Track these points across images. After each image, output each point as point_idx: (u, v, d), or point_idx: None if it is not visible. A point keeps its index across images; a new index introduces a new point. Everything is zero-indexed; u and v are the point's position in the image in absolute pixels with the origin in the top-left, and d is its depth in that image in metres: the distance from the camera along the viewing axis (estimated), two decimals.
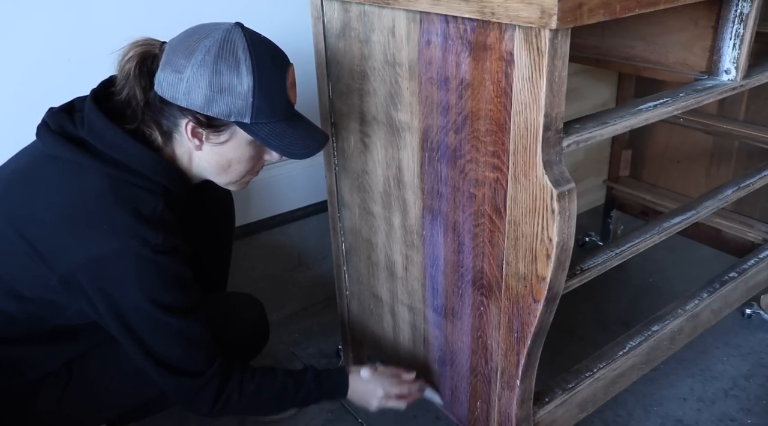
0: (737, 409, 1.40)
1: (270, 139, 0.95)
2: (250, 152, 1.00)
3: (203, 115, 0.92)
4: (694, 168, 1.90)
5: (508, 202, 0.87)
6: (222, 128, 0.95)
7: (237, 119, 0.92)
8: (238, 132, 0.96)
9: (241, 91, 0.90)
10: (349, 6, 1.05)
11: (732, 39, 1.05)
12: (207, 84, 0.89)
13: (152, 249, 0.91)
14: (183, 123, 0.94)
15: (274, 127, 0.95)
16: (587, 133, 0.86)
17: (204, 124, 0.94)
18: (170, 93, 0.91)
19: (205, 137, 0.96)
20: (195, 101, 0.90)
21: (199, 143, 0.96)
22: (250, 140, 0.97)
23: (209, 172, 1.02)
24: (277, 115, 0.95)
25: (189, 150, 0.99)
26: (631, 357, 1.19)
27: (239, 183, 1.06)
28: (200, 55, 0.89)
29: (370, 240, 1.24)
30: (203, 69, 0.89)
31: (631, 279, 1.89)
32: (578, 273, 0.99)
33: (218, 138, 0.96)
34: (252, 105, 0.91)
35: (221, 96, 0.90)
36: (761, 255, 1.49)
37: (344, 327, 1.47)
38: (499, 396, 1.03)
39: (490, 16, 0.77)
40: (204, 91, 0.90)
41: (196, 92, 0.90)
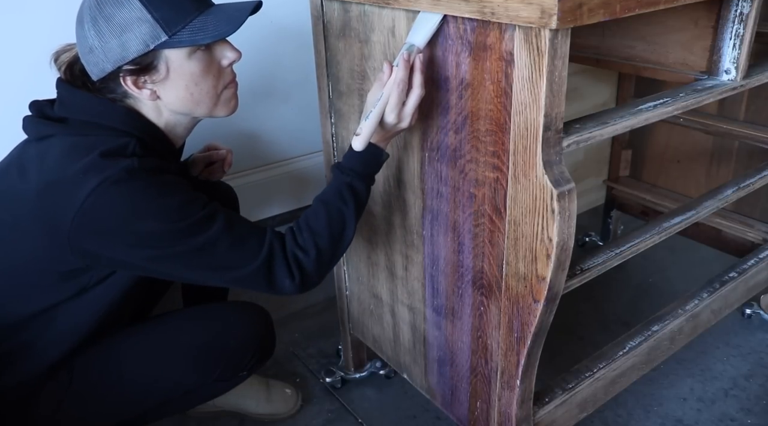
0: (737, 409, 1.40)
1: (195, 37, 0.90)
2: (198, 66, 0.94)
3: (129, 64, 0.90)
4: (694, 168, 1.90)
5: (508, 202, 0.87)
6: (153, 63, 0.91)
7: (156, 42, 0.88)
8: (169, 55, 0.91)
9: (137, 16, 0.87)
10: (349, 6, 1.05)
11: (732, 39, 1.05)
12: (110, 35, 0.88)
13: (128, 170, 0.88)
14: (122, 83, 0.92)
15: (193, 25, 0.90)
16: (587, 133, 0.86)
17: (137, 71, 0.91)
18: (96, 68, 0.91)
19: (150, 82, 0.93)
20: (114, 57, 0.89)
21: (149, 92, 0.94)
22: (185, 54, 0.92)
23: (184, 112, 0.98)
24: (189, 14, 0.90)
25: (152, 106, 0.97)
26: (631, 357, 1.19)
27: (222, 103, 1.00)
28: (87, 17, 0.89)
29: (370, 240, 1.24)
30: (97, 26, 0.88)
31: (631, 279, 1.89)
32: (578, 273, 0.99)
33: (158, 75, 0.92)
34: (155, 19, 0.87)
35: (127, 34, 0.87)
36: (761, 255, 1.49)
37: (344, 327, 1.47)
38: (499, 396, 1.03)
39: (490, 16, 0.77)
40: (113, 43, 0.88)
41: (109, 49, 0.88)
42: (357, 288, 1.36)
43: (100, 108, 0.94)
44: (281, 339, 1.66)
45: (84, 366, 1.07)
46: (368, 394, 1.47)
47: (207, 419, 1.40)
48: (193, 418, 1.40)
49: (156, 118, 0.98)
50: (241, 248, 0.94)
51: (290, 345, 1.65)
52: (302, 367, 1.57)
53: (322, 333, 1.69)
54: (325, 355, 1.61)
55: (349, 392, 1.48)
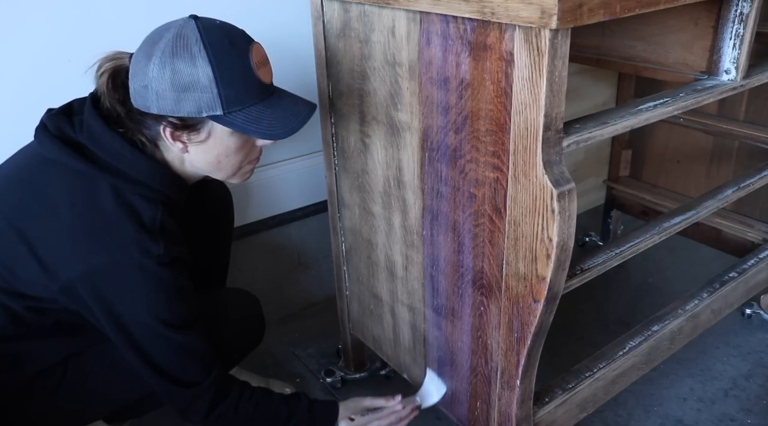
0: (737, 409, 1.40)
1: (247, 126, 0.92)
2: (236, 143, 0.97)
3: (176, 118, 0.91)
4: (694, 168, 1.90)
5: (508, 202, 0.87)
6: (198, 126, 0.93)
7: (209, 113, 0.90)
8: (215, 126, 0.94)
9: (204, 84, 0.88)
10: (349, 6, 1.05)
11: (732, 39, 1.05)
12: (170, 86, 0.88)
13: (155, 261, 0.91)
14: (161, 129, 0.93)
15: (250, 112, 0.92)
16: (587, 133, 0.86)
17: (180, 127, 0.93)
18: (142, 103, 0.91)
19: (186, 139, 0.95)
20: (165, 106, 0.89)
21: (182, 146, 0.96)
22: (230, 132, 0.95)
23: (204, 170, 1.02)
24: (250, 99, 0.92)
25: (177, 154, 0.98)
26: (631, 357, 1.19)
27: (239, 175, 1.04)
28: (157, 59, 0.88)
29: (370, 240, 1.24)
30: (163, 71, 0.87)
31: (631, 279, 1.89)
32: (578, 273, 0.99)
33: (198, 136, 0.94)
34: (219, 95, 0.88)
35: (186, 94, 0.88)
36: (761, 255, 1.49)
37: (344, 327, 1.47)
38: (499, 396, 1.03)
39: (490, 16, 0.77)
40: (170, 94, 0.88)
41: (163, 97, 0.89)
42: (357, 288, 1.36)
43: (131, 159, 0.94)
44: (281, 339, 1.66)
45: (78, 355, 1.07)
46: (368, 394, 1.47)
47: None
48: None
49: (177, 167, 1.01)
50: (193, 369, 1.00)
51: (290, 345, 1.65)
52: (302, 367, 1.57)
53: (322, 333, 1.68)
54: (325, 355, 1.61)
55: (349, 392, 1.48)
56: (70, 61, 1.25)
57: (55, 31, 1.22)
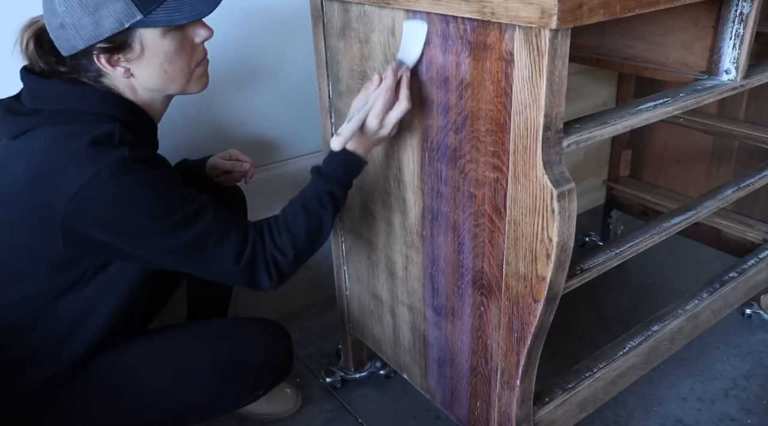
0: (737, 409, 1.40)
1: (171, 17, 0.90)
2: (172, 45, 0.94)
3: (103, 41, 0.89)
4: (694, 168, 1.90)
5: (508, 202, 0.87)
6: (128, 42, 0.91)
7: (130, 21, 0.88)
8: (144, 35, 0.91)
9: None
10: (349, 6, 1.05)
11: (732, 39, 1.05)
12: (81, 12, 0.86)
13: (121, 163, 0.88)
14: (95, 60, 0.91)
15: (167, 5, 0.90)
16: (587, 133, 0.86)
17: (111, 50, 0.90)
18: (67, 45, 0.90)
19: (123, 61, 0.93)
20: (87, 34, 0.88)
21: (123, 70, 0.93)
22: (160, 33, 0.92)
23: (158, 88, 0.98)
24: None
25: (125, 83, 0.96)
26: (631, 357, 1.19)
27: (194, 81, 1.00)
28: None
29: (370, 240, 1.24)
30: (69, 1, 0.86)
31: (631, 279, 1.89)
32: (578, 273, 0.99)
33: (133, 53, 0.92)
34: None
35: (100, 12, 0.86)
36: (761, 255, 1.49)
37: (344, 327, 1.47)
38: (499, 396, 1.03)
39: (490, 16, 0.77)
40: (86, 20, 0.87)
41: (81, 27, 0.87)
42: (357, 288, 1.36)
43: (75, 94, 0.93)
44: None
45: (100, 374, 1.07)
46: (368, 394, 1.47)
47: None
48: None
49: (132, 96, 0.98)
50: (226, 245, 0.96)
51: None
52: (302, 367, 1.57)
53: (322, 333, 1.69)
54: (325, 355, 1.61)
55: (349, 392, 1.48)
56: None
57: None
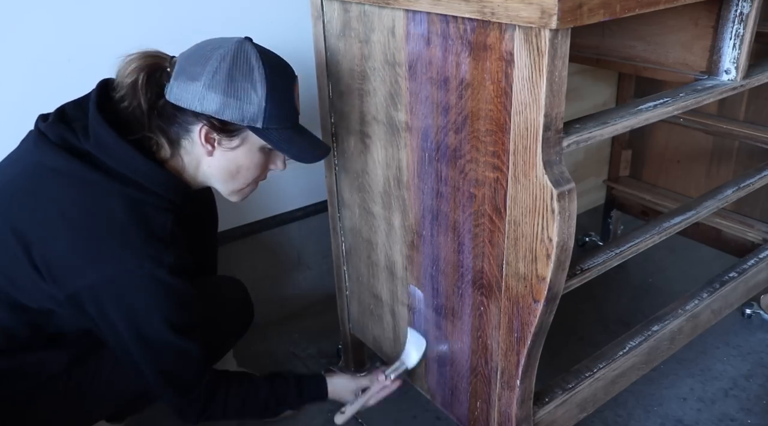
0: (737, 409, 1.40)
1: (281, 144, 0.99)
2: (260, 159, 1.02)
3: (217, 120, 0.95)
4: (694, 168, 1.90)
5: (508, 202, 0.87)
6: (235, 133, 0.98)
7: (250, 124, 0.95)
8: (250, 137, 0.98)
9: (254, 97, 0.94)
10: (349, 6, 1.05)
11: (732, 39, 1.05)
12: (222, 90, 0.92)
13: (166, 270, 0.93)
14: (197, 128, 0.96)
15: (283, 134, 0.98)
16: (587, 133, 0.86)
17: (218, 129, 0.96)
18: (185, 100, 0.93)
19: (217, 142, 0.98)
20: (210, 106, 0.93)
21: (211, 148, 0.98)
22: (260, 146, 1.00)
23: (216, 179, 1.04)
24: (287, 122, 0.99)
25: (198, 157, 1.00)
26: (631, 357, 1.19)
27: (242, 192, 1.08)
28: (215, 63, 0.92)
29: (370, 240, 1.24)
30: (218, 76, 0.92)
31: (631, 279, 1.89)
32: (578, 273, 0.99)
33: (230, 143, 0.98)
34: (265, 110, 0.94)
35: (236, 101, 0.93)
36: (761, 255, 1.49)
37: (344, 327, 1.47)
38: (499, 396, 1.03)
39: (490, 16, 0.77)
40: (219, 97, 0.92)
41: (211, 98, 0.92)
42: (357, 288, 1.36)
43: (143, 168, 0.95)
44: (281, 339, 1.66)
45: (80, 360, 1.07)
46: None
47: None
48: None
49: (192, 171, 1.02)
50: (187, 373, 1.03)
51: (290, 345, 1.65)
52: (302, 367, 1.57)
53: (322, 333, 1.68)
54: (325, 355, 1.61)
55: None
56: (70, 61, 1.25)
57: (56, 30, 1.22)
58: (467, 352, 1.07)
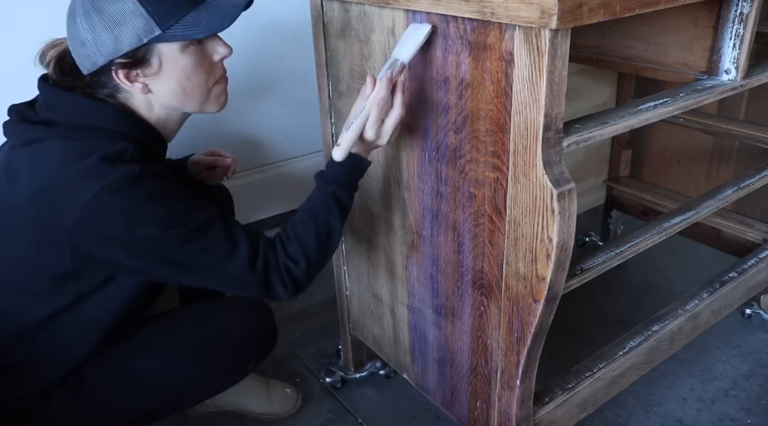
0: (737, 409, 1.40)
1: (188, 31, 0.91)
2: (191, 60, 0.95)
3: (122, 57, 0.90)
4: (694, 168, 1.90)
5: (508, 202, 0.87)
6: (146, 57, 0.92)
7: (149, 37, 0.89)
8: (162, 49, 0.92)
9: (131, 10, 0.88)
10: (349, 6, 1.05)
11: (732, 39, 1.05)
12: (102, 27, 0.88)
13: (130, 177, 0.89)
14: (114, 76, 0.92)
15: (186, 20, 0.91)
16: (587, 133, 0.86)
17: (130, 65, 0.91)
18: (88, 62, 0.91)
19: (142, 75, 0.93)
20: (106, 50, 0.89)
21: (141, 85, 0.94)
22: (179, 49, 0.93)
23: (175, 106, 0.99)
24: (181, 8, 0.91)
25: (143, 100, 0.97)
26: (631, 357, 1.19)
27: (212, 99, 1.01)
28: (79, 9, 0.89)
29: (370, 240, 1.24)
30: (90, 19, 0.88)
31: (631, 279, 1.89)
32: (578, 273, 0.99)
33: (151, 68, 0.93)
34: (149, 13, 0.88)
35: (121, 28, 0.88)
36: (761, 255, 1.49)
37: (344, 327, 1.47)
38: (499, 396, 1.03)
39: (490, 16, 0.77)
40: (106, 35, 0.88)
41: (102, 43, 0.89)
42: (357, 288, 1.36)
43: (92, 109, 0.94)
44: (281, 339, 1.66)
45: (93, 368, 1.07)
46: (368, 394, 1.47)
47: (207, 419, 1.40)
48: (194, 418, 1.40)
49: (147, 113, 0.99)
50: (237, 255, 0.95)
51: (290, 345, 1.65)
52: (302, 367, 1.57)
53: (322, 333, 1.68)
54: (325, 355, 1.61)
55: (349, 392, 1.48)
56: None
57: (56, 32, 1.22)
58: (467, 352, 1.07)
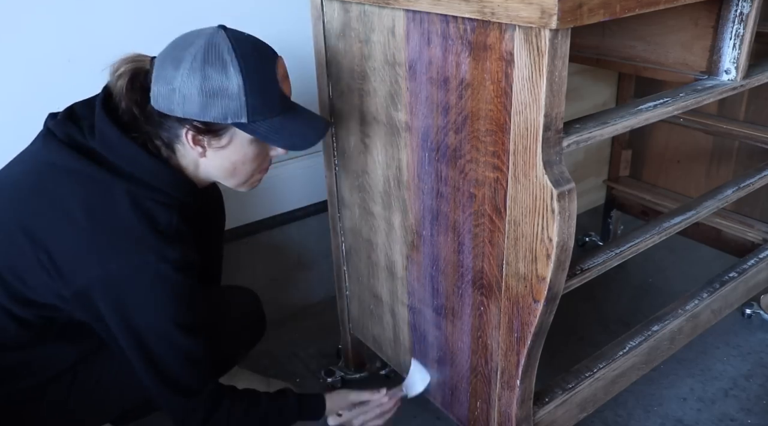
0: (737, 409, 1.40)
1: (270, 135, 0.96)
2: (254, 151, 1.00)
3: (201, 122, 0.93)
4: (694, 168, 1.90)
5: (508, 202, 0.87)
6: (221, 132, 0.96)
7: (234, 120, 0.92)
8: (237, 133, 0.96)
9: (233, 92, 0.90)
10: (349, 6, 1.05)
11: (732, 39, 1.05)
12: (198, 91, 0.90)
13: (171, 266, 0.92)
14: (183, 133, 0.95)
15: (272, 122, 0.95)
16: (587, 133, 0.86)
17: (203, 131, 0.94)
18: (166, 105, 0.92)
19: (206, 143, 0.96)
20: (190, 109, 0.91)
21: (202, 150, 0.97)
22: (251, 139, 0.97)
23: (217, 176, 1.03)
24: (273, 110, 0.95)
25: (194, 159, 1.00)
26: (631, 357, 1.19)
27: (249, 183, 1.07)
28: (187, 64, 0.89)
29: (370, 240, 1.24)
30: (192, 76, 0.89)
31: (631, 279, 1.89)
32: (578, 273, 0.99)
33: (219, 142, 0.97)
34: (246, 103, 0.91)
35: (215, 100, 0.90)
36: (761, 255, 1.49)
37: (344, 327, 1.47)
38: (499, 396, 1.03)
39: (490, 16, 0.77)
40: (197, 98, 0.90)
41: (190, 100, 0.90)
42: (357, 288, 1.36)
43: (146, 165, 0.95)
44: (281, 339, 1.66)
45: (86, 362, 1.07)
46: None
47: None
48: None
49: (193, 171, 1.02)
50: (191, 378, 1.00)
51: (290, 345, 1.65)
52: (302, 367, 1.57)
53: (322, 333, 1.68)
54: (325, 355, 1.61)
55: None
56: (70, 61, 1.25)
57: (56, 30, 1.22)
58: (467, 352, 1.07)
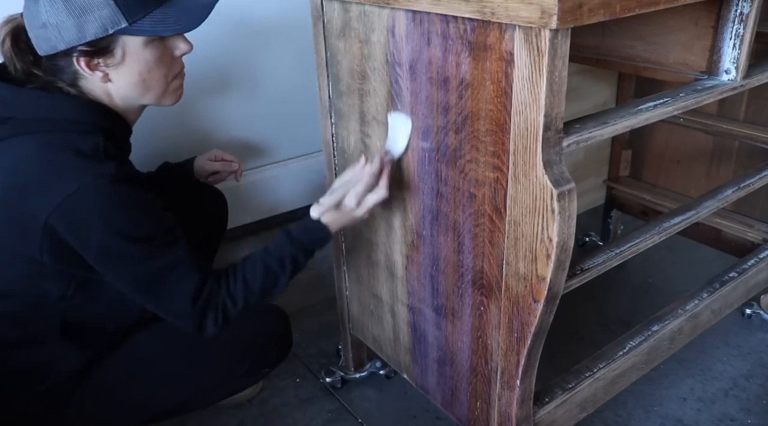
0: (737, 409, 1.40)
1: (157, 27, 0.92)
2: (153, 54, 0.95)
3: (85, 44, 0.89)
4: (694, 168, 1.90)
5: (508, 202, 0.87)
6: (110, 47, 0.92)
7: (115, 28, 0.89)
8: (127, 42, 0.92)
9: (99, 0, 0.87)
10: (349, 6, 1.05)
11: (732, 39, 1.05)
12: (67, 14, 0.86)
13: (109, 180, 0.89)
14: (74, 62, 0.91)
15: (153, 16, 0.91)
16: (587, 133, 0.86)
17: (93, 53, 0.91)
18: (47, 44, 0.89)
19: (103, 64, 0.93)
20: (69, 36, 0.88)
21: (102, 75, 0.94)
22: (143, 42, 0.93)
23: (134, 97, 0.99)
24: (149, 4, 0.91)
25: (102, 88, 0.96)
26: (631, 357, 1.20)
27: (169, 92, 1.02)
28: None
29: (370, 240, 1.24)
30: (54, 3, 0.86)
31: (631, 279, 1.89)
32: (578, 273, 0.99)
33: (114, 59, 0.93)
34: (117, 6, 0.88)
35: (86, 16, 0.87)
36: (761, 255, 1.49)
37: (344, 327, 1.47)
38: (499, 396, 1.03)
39: (490, 16, 0.77)
40: (70, 22, 0.87)
41: (64, 28, 0.87)
42: (357, 288, 1.36)
43: (52, 101, 0.93)
44: None
45: (112, 365, 1.07)
46: (368, 394, 1.47)
47: (206, 418, 1.40)
48: (192, 417, 1.40)
49: (107, 102, 0.98)
50: (186, 282, 0.97)
51: None
52: (302, 367, 1.57)
53: (322, 333, 1.69)
54: (325, 355, 1.61)
55: (349, 392, 1.48)
56: None
57: None
58: (467, 352, 1.07)
